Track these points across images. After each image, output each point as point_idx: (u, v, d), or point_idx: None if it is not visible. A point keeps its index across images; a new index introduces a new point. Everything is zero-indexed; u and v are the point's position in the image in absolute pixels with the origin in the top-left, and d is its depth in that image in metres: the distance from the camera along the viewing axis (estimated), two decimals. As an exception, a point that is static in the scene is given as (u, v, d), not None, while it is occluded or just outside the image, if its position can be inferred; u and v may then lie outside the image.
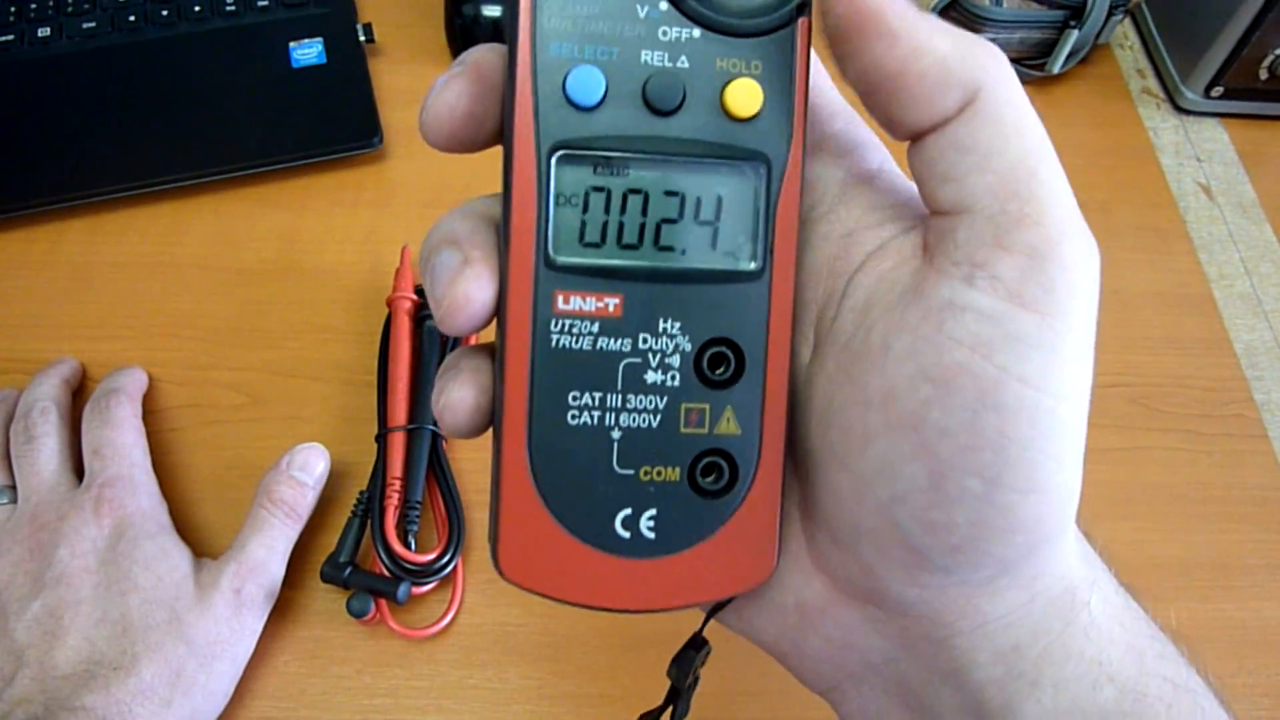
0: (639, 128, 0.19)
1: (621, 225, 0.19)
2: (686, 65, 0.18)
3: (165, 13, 0.55)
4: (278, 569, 0.38)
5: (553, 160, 0.18)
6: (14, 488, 0.39)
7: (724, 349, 0.19)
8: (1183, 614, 0.41)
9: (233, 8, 0.56)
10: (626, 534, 0.19)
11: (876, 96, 0.18)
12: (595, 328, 0.19)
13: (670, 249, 0.19)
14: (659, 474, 0.19)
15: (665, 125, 0.19)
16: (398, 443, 0.41)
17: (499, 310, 0.19)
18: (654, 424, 0.19)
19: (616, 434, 0.19)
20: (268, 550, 0.37)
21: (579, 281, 0.19)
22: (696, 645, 0.23)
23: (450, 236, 0.19)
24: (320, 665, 0.38)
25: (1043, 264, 0.17)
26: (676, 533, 0.20)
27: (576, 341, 0.19)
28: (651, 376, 0.19)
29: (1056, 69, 0.56)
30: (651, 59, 0.18)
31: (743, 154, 0.19)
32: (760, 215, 0.19)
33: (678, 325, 0.19)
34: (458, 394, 0.20)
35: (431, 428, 0.41)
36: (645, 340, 0.19)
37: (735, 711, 0.38)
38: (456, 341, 0.45)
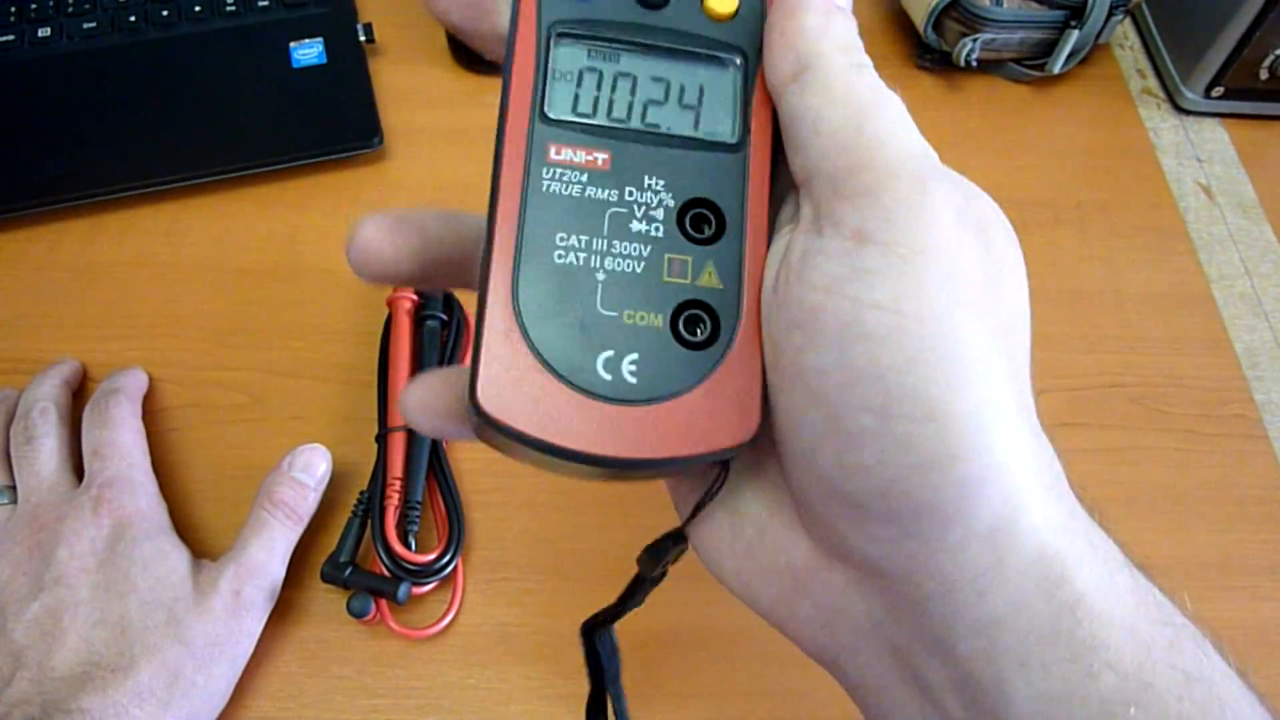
0: (631, 16, 0.21)
1: (612, 102, 0.21)
2: None
3: (165, 13, 0.55)
4: (278, 570, 0.38)
5: (552, 37, 0.20)
6: (13, 488, 0.39)
7: (705, 210, 0.21)
8: (1183, 614, 0.41)
9: (233, 8, 0.56)
10: (608, 376, 0.19)
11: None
12: (584, 177, 0.20)
13: (656, 126, 0.21)
14: (642, 318, 0.20)
15: (655, 17, 0.21)
16: (398, 443, 0.41)
17: (494, 158, 0.20)
18: (638, 269, 0.20)
19: (601, 275, 0.20)
20: (268, 552, 0.37)
21: (570, 136, 0.20)
22: (676, 539, 0.23)
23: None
24: (320, 665, 0.38)
25: (876, 201, 0.18)
26: (658, 380, 0.20)
27: (566, 188, 0.20)
28: (636, 225, 0.20)
29: (1057, 69, 0.56)
30: None
31: (723, 48, 0.21)
32: (737, 102, 0.21)
33: (662, 183, 0.21)
34: (368, 230, 0.21)
35: (431, 428, 0.41)
36: (631, 193, 0.20)
37: (734, 710, 0.38)
38: (457, 343, 0.45)
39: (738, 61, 0.21)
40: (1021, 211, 0.53)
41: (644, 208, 0.20)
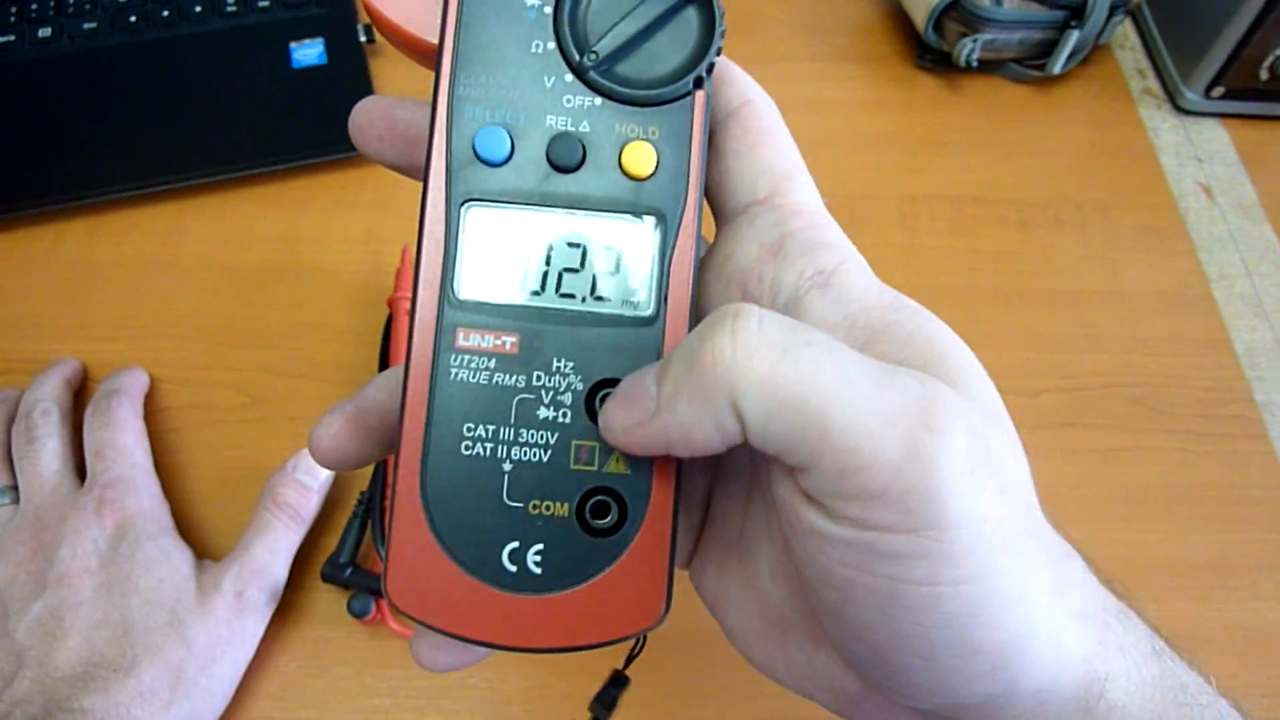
0: (543, 183, 0.20)
1: (526, 271, 0.20)
2: (588, 129, 0.20)
3: (166, 13, 0.55)
4: (280, 572, 0.38)
5: (462, 210, 0.20)
6: (15, 488, 0.39)
7: (614, 390, 0.20)
8: (1183, 614, 0.41)
9: (233, 8, 0.56)
10: (513, 568, 0.20)
11: None
12: (492, 363, 0.20)
13: (571, 295, 0.20)
14: (548, 508, 0.20)
15: (568, 181, 0.20)
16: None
17: (408, 337, 0.20)
18: (544, 458, 0.20)
19: (508, 466, 0.20)
20: (270, 553, 0.37)
21: (479, 320, 0.20)
22: (618, 683, 0.24)
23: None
24: (321, 665, 0.38)
25: (883, 499, 0.17)
26: (563, 570, 0.20)
27: (474, 375, 0.20)
28: (543, 412, 0.20)
29: (1057, 69, 0.56)
30: (555, 123, 0.20)
31: (640, 210, 0.20)
32: (655, 266, 0.20)
33: (571, 364, 0.20)
34: (324, 430, 0.21)
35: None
36: (539, 377, 0.20)
37: (734, 710, 0.38)
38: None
39: (656, 224, 0.20)
40: (1021, 211, 0.53)
41: (552, 393, 0.20)
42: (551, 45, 0.20)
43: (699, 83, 0.20)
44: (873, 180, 0.54)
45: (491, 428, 0.20)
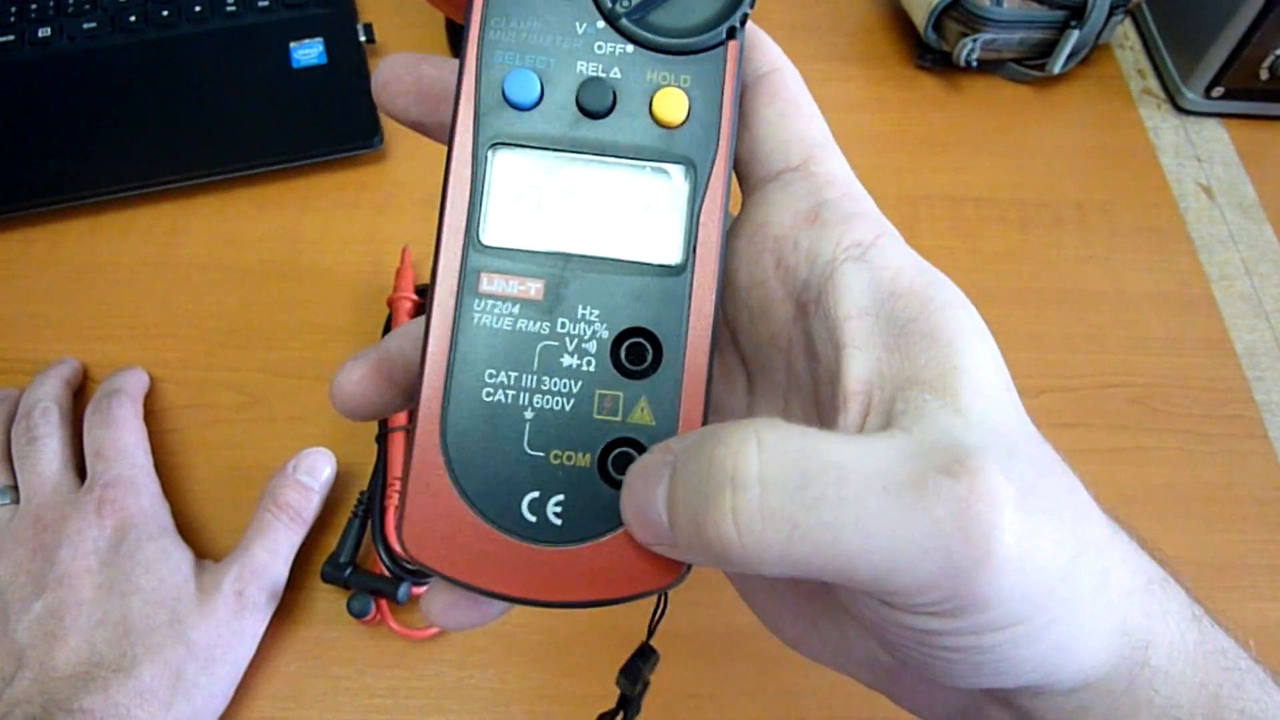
0: (572, 128, 0.20)
1: (552, 219, 0.20)
2: (619, 75, 0.20)
3: (165, 13, 0.55)
4: (280, 572, 0.38)
5: (489, 153, 0.20)
6: (16, 488, 0.39)
7: (641, 340, 0.20)
8: (1183, 614, 0.41)
9: (233, 8, 0.56)
10: (533, 518, 0.19)
11: None
12: (516, 309, 0.19)
13: (598, 240, 0.20)
14: (569, 458, 0.19)
15: (597, 127, 0.20)
16: (398, 443, 0.41)
17: (430, 282, 0.20)
18: (567, 407, 0.19)
19: (529, 414, 0.19)
20: (271, 554, 0.37)
21: (503, 264, 0.20)
22: (644, 654, 0.24)
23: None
24: (321, 665, 0.38)
25: (930, 605, 0.17)
26: (584, 522, 0.19)
27: (497, 321, 0.19)
28: (567, 360, 0.19)
29: (1057, 69, 0.56)
30: (586, 68, 0.20)
31: (670, 158, 0.20)
32: (685, 215, 0.20)
33: (597, 312, 0.20)
34: (348, 376, 0.21)
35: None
36: (564, 325, 0.20)
37: (735, 710, 0.38)
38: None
39: (687, 173, 0.20)
40: (1021, 211, 0.53)
41: (576, 340, 0.20)
42: None
43: (732, 33, 0.20)
44: (873, 180, 0.53)
45: (514, 374, 0.19)
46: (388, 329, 0.45)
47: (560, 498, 0.19)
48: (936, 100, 0.58)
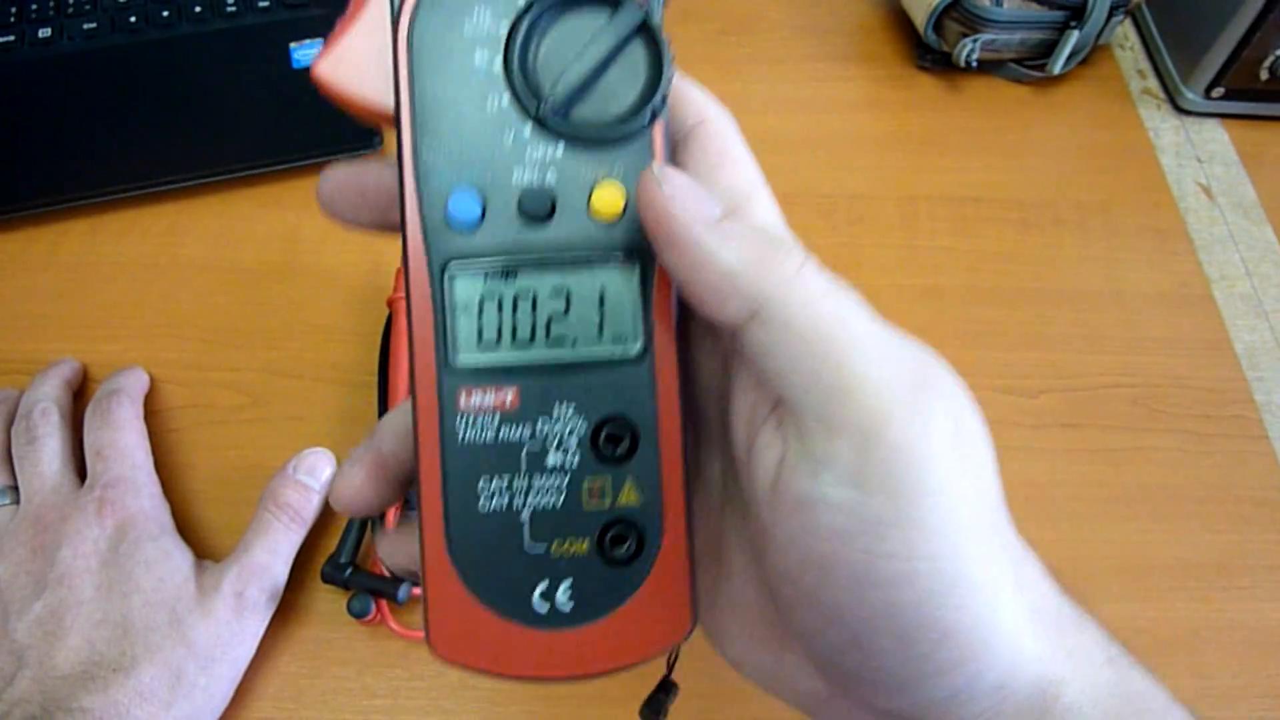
0: (519, 236, 0.20)
1: (515, 325, 0.20)
2: (555, 178, 0.20)
3: (166, 13, 0.55)
4: (280, 573, 0.38)
5: (445, 275, 0.20)
6: (16, 488, 0.39)
7: (618, 427, 0.21)
8: (1183, 614, 0.41)
9: (233, 8, 0.56)
10: (544, 607, 0.21)
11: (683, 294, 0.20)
12: (496, 420, 0.20)
13: (561, 342, 0.21)
14: (569, 547, 0.21)
15: (543, 231, 0.20)
16: (398, 443, 0.41)
17: (412, 405, 0.21)
18: (559, 503, 0.21)
19: (525, 515, 0.21)
20: (271, 554, 0.37)
21: (477, 378, 0.20)
22: (665, 688, 0.25)
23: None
24: (321, 666, 0.38)
25: (873, 450, 0.18)
26: (593, 601, 0.21)
27: (480, 434, 0.20)
28: (552, 459, 0.21)
29: (1057, 69, 0.56)
30: (522, 176, 0.20)
31: (615, 251, 0.20)
32: (638, 304, 0.21)
33: (571, 407, 0.21)
34: (345, 481, 0.22)
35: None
36: (543, 425, 0.20)
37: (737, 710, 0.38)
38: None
39: (634, 262, 0.21)
40: (1021, 211, 0.53)
41: (557, 438, 0.20)
42: (507, 98, 0.20)
43: (655, 114, 0.20)
44: (873, 180, 0.54)
45: (505, 480, 0.20)
46: (387, 329, 0.45)
47: (568, 584, 0.21)
48: (936, 100, 0.58)
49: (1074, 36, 0.54)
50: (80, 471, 0.40)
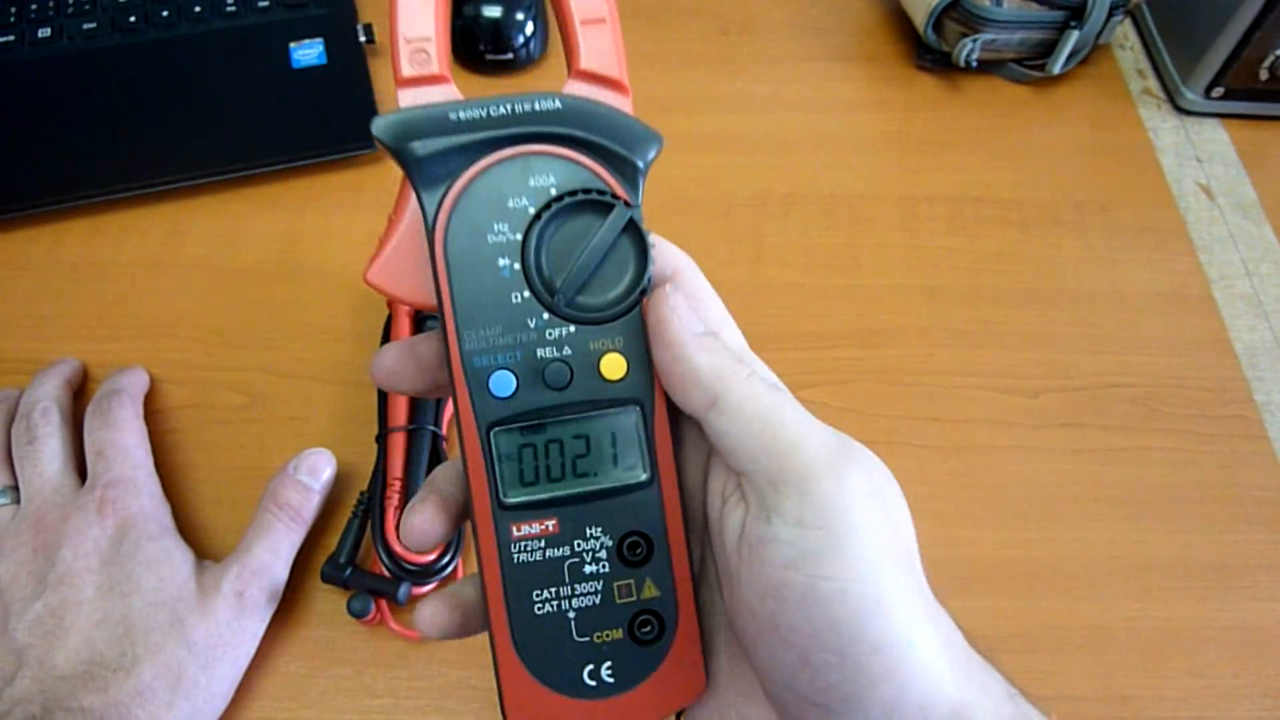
0: (545, 401, 0.26)
1: (548, 466, 0.26)
2: (569, 351, 0.26)
3: (165, 14, 0.55)
4: (281, 572, 0.38)
5: (490, 434, 0.26)
6: (16, 488, 0.39)
7: (637, 538, 0.26)
8: (1183, 614, 0.41)
9: (233, 8, 0.56)
10: (593, 682, 0.26)
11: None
12: (542, 543, 0.26)
13: (585, 475, 0.26)
14: (608, 635, 0.26)
15: (563, 395, 0.26)
16: (398, 443, 0.41)
17: (475, 538, 0.26)
18: (597, 602, 0.26)
19: (571, 614, 0.26)
20: (271, 553, 0.37)
21: (524, 515, 0.26)
22: None
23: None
24: (321, 666, 0.38)
25: (809, 498, 0.23)
26: (629, 673, 0.26)
27: (530, 555, 0.26)
28: (589, 568, 0.26)
29: (1057, 69, 0.56)
30: (544, 353, 0.26)
31: (622, 403, 0.26)
32: (643, 440, 0.26)
33: (600, 529, 0.26)
34: (419, 517, 0.27)
35: (432, 428, 0.41)
36: (579, 544, 0.26)
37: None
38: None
39: (636, 410, 0.26)
40: (1022, 211, 0.53)
41: (591, 553, 0.26)
42: (527, 294, 0.25)
43: (644, 293, 0.25)
44: (873, 180, 0.54)
45: (552, 590, 0.26)
46: (387, 329, 0.45)
47: (609, 663, 0.26)
48: (936, 100, 0.58)
49: (1074, 36, 0.54)
50: (81, 471, 0.40)
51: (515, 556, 0.26)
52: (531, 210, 0.25)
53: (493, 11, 0.55)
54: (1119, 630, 0.40)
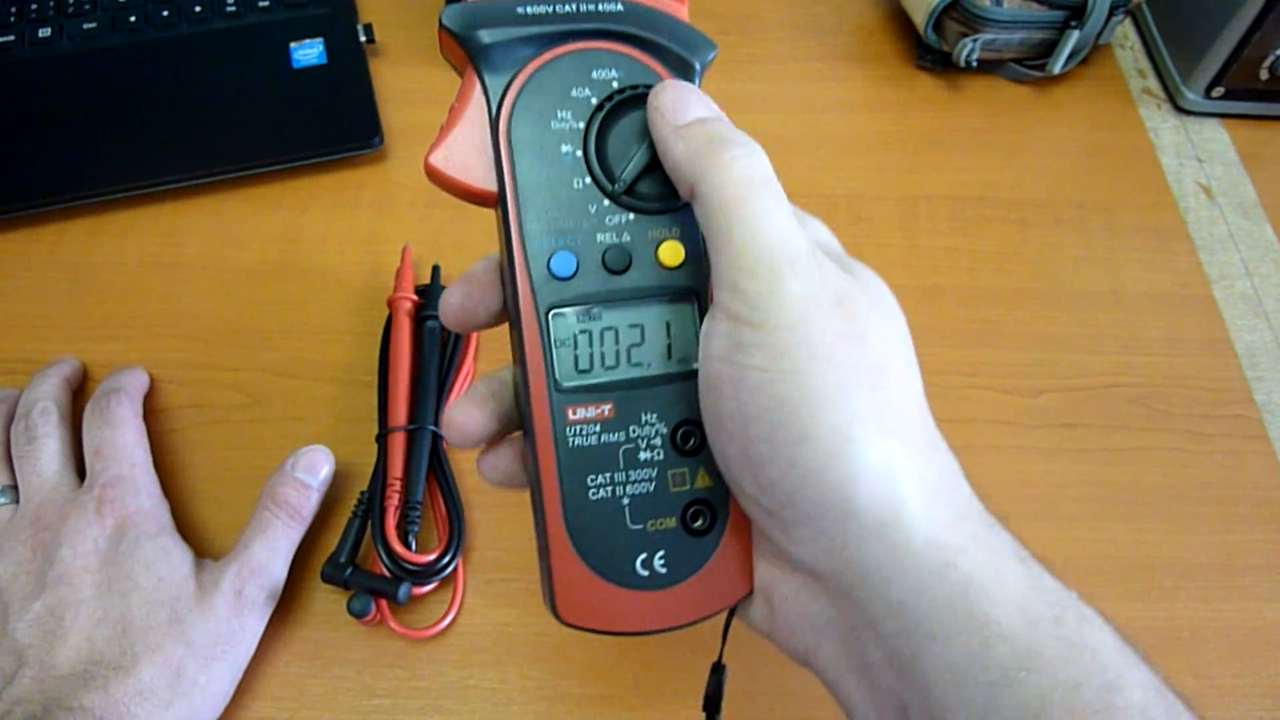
0: (604, 285, 0.26)
1: (603, 354, 0.26)
2: (629, 238, 0.26)
3: (166, 13, 0.55)
4: (280, 571, 0.38)
5: (549, 317, 0.26)
6: (15, 488, 0.39)
7: (690, 428, 0.26)
8: (1183, 614, 0.41)
9: (233, 8, 0.56)
10: (645, 572, 0.26)
11: None
12: (598, 428, 0.26)
13: (640, 364, 0.26)
14: (661, 524, 0.26)
15: (622, 280, 0.26)
16: (398, 443, 0.41)
17: (528, 421, 0.26)
18: (651, 489, 0.26)
19: (626, 500, 0.26)
20: (270, 552, 0.37)
21: (580, 398, 0.26)
22: (717, 670, 0.30)
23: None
24: (321, 666, 0.38)
25: (743, 293, 0.23)
26: (681, 565, 0.26)
27: (586, 439, 0.26)
28: (643, 454, 0.26)
29: (1057, 69, 0.56)
30: (604, 238, 0.26)
31: (678, 291, 0.27)
32: (696, 330, 0.26)
33: (655, 415, 0.26)
34: (460, 413, 0.27)
35: (432, 428, 0.41)
36: (634, 430, 0.26)
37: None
38: (457, 343, 0.45)
39: (692, 299, 0.27)
40: (1022, 211, 0.53)
41: (646, 440, 0.26)
42: (588, 180, 0.26)
43: None
44: (873, 180, 0.54)
45: (607, 475, 0.26)
46: (387, 329, 0.45)
47: (661, 553, 0.26)
48: (936, 100, 0.58)
49: (1074, 36, 0.54)
50: (80, 471, 0.40)
51: (570, 440, 0.26)
52: (594, 101, 0.26)
53: None
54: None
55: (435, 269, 0.47)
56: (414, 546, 0.39)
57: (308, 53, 0.54)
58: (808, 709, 0.38)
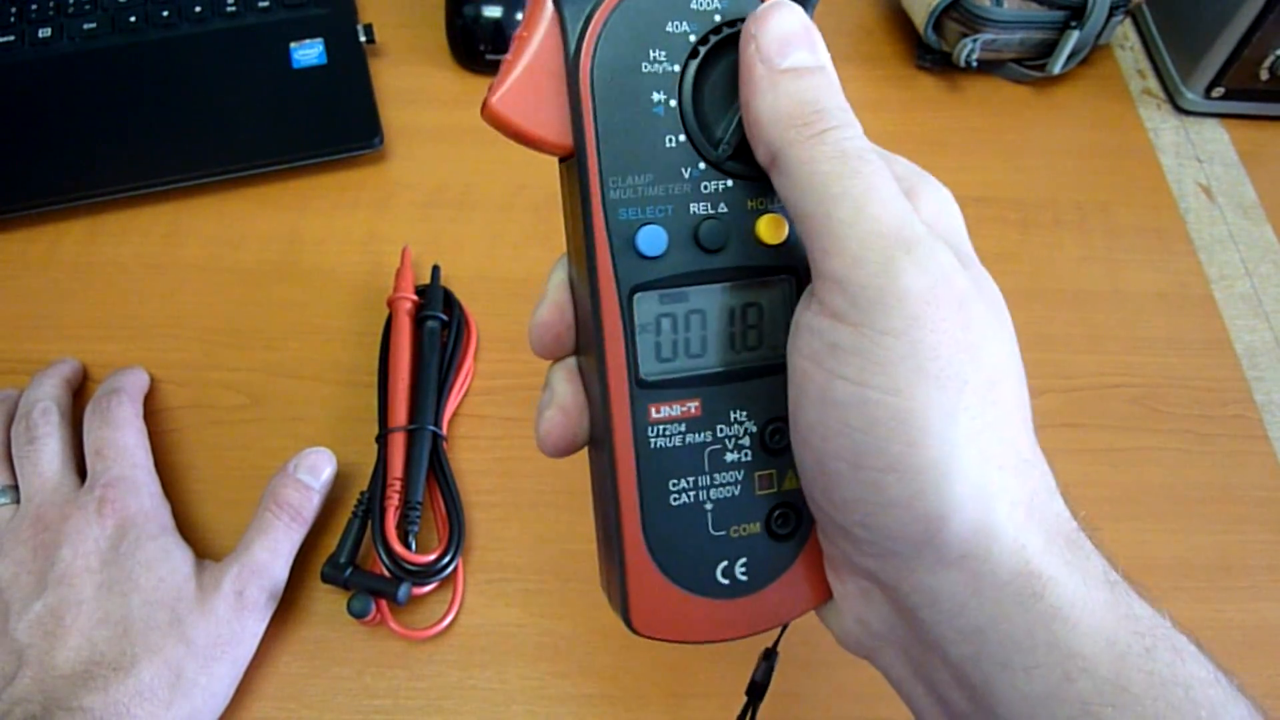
0: (696, 265, 0.23)
1: (688, 340, 0.23)
2: (725, 209, 0.23)
3: (166, 13, 0.55)
4: (281, 572, 0.38)
5: (633, 299, 0.23)
6: (16, 488, 0.39)
7: (780, 424, 0.24)
8: (1183, 614, 0.40)
9: (233, 8, 0.56)
10: (726, 581, 0.24)
11: None
12: (683, 427, 0.23)
13: (730, 353, 0.24)
14: (744, 530, 0.24)
15: (716, 258, 0.23)
16: (398, 443, 0.41)
17: (605, 420, 0.23)
18: (736, 493, 0.24)
19: (709, 506, 0.24)
20: (271, 553, 0.37)
21: (664, 394, 0.23)
22: (768, 656, 0.29)
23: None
24: (321, 666, 0.38)
25: (845, 286, 0.20)
26: (763, 571, 0.24)
27: (669, 440, 0.23)
28: (730, 456, 0.24)
29: (1057, 69, 0.56)
30: (699, 209, 0.23)
31: (778, 271, 0.23)
32: (790, 315, 0.23)
33: (745, 413, 0.24)
34: (547, 423, 0.25)
35: (432, 428, 0.41)
36: (722, 429, 0.24)
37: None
38: (457, 343, 0.45)
39: (790, 280, 0.23)
40: (1022, 211, 0.53)
41: (733, 439, 0.24)
42: (683, 138, 0.22)
43: None
44: (873, 180, 0.54)
45: (691, 479, 0.24)
46: (387, 329, 0.45)
47: (744, 560, 0.24)
48: (936, 100, 0.58)
49: (1074, 36, 0.54)
50: (80, 471, 0.40)
51: (652, 441, 0.23)
52: (693, 37, 0.22)
53: (493, 11, 0.54)
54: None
55: (435, 269, 0.47)
56: (414, 547, 0.39)
57: (307, 53, 0.54)
58: (809, 709, 0.38)
